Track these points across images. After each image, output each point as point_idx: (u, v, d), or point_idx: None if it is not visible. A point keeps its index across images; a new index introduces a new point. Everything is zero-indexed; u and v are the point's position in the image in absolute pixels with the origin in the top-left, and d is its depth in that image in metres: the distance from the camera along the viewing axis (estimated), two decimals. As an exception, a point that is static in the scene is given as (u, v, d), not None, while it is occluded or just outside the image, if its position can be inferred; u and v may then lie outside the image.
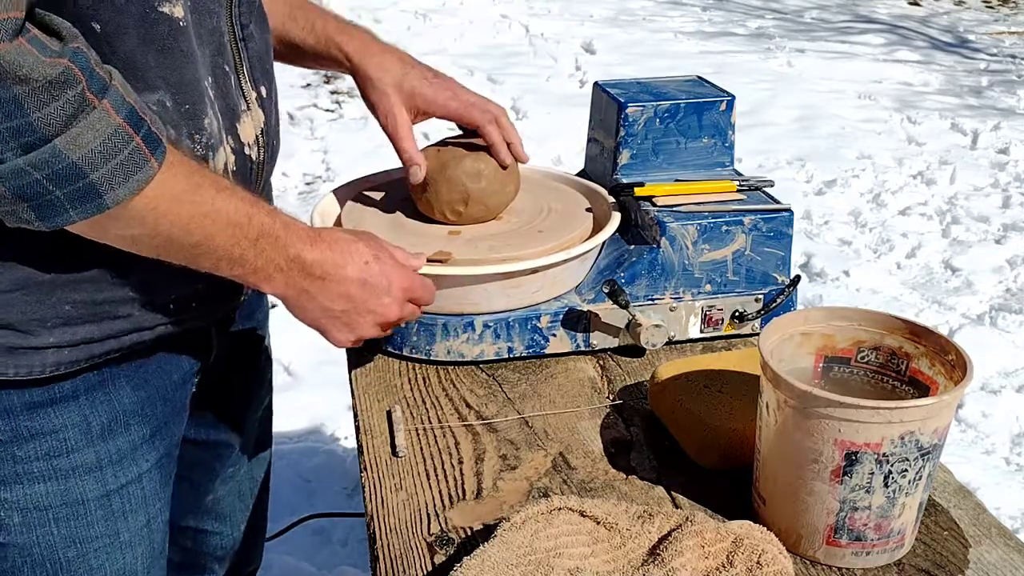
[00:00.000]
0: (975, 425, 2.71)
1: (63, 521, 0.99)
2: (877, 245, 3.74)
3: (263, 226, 0.92)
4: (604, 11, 7.17)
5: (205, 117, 0.95)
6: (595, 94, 1.46)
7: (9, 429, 0.95)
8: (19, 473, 0.96)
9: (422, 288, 1.08)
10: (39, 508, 0.98)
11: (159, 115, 0.91)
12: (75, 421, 0.98)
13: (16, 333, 0.91)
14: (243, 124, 1.02)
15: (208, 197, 0.87)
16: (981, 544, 0.96)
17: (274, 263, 0.94)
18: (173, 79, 0.92)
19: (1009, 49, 6.57)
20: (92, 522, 1.01)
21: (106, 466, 1.01)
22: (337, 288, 0.99)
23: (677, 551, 0.85)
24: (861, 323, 1.00)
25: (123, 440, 1.02)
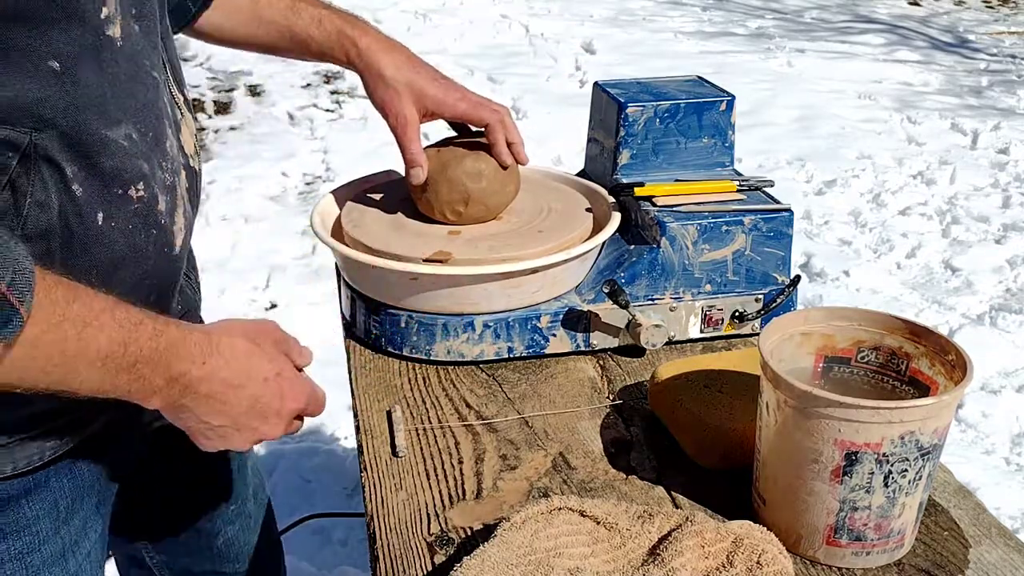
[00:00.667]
0: (975, 425, 2.71)
1: None
2: (877, 245, 3.74)
3: (142, 351, 0.79)
4: (604, 11, 7.17)
5: (167, 140, 0.90)
6: (595, 94, 1.46)
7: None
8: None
9: (314, 403, 0.99)
10: None
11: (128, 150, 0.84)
12: (46, 509, 0.92)
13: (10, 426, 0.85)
14: (184, 134, 0.97)
15: (73, 333, 0.74)
16: (981, 544, 0.96)
17: (152, 385, 0.82)
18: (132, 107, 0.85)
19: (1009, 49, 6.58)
20: None
21: (68, 551, 0.96)
22: (220, 407, 0.88)
23: (677, 551, 0.85)
24: (861, 323, 1.00)
25: (79, 517, 0.97)
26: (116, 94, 0.83)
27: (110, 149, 0.82)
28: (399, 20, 6.71)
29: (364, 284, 1.28)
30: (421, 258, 1.22)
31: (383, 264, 1.22)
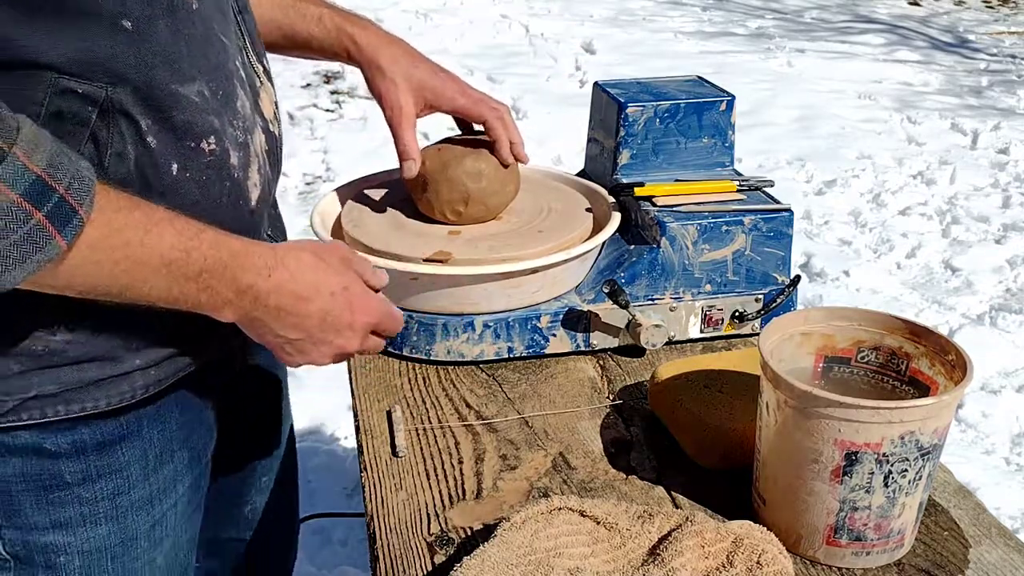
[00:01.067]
0: (975, 425, 2.71)
1: (118, 559, 0.98)
2: (877, 245, 3.74)
3: (206, 260, 0.83)
4: (604, 11, 7.17)
5: (238, 100, 0.95)
6: (595, 94, 1.46)
7: (79, 471, 0.93)
8: (84, 515, 0.94)
9: (389, 319, 1.00)
10: (99, 550, 0.96)
11: (199, 106, 0.88)
12: (137, 456, 0.97)
13: (102, 363, 0.90)
14: (263, 100, 1.02)
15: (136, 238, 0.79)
16: (981, 544, 0.96)
17: (221, 296, 0.86)
18: (205, 66, 0.90)
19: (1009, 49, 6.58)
20: (139, 555, 1.01)
21: (155, 498, 1.00)
22: (293, 320, 0.91)
23: (677, 551, 0.85)
24: (861, 323, 1.00)
25: (169, 468, 1.01)
26: (189, 53, 0.87)
27: (182, 104, 0.86)
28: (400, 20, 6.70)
29: (364, 284, 1.28)
30: (421, 258, 1.22)
31: (383, 264, 1.21)
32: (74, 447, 0.92)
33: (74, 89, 0.81)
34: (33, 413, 0.88)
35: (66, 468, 0.92)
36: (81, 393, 0.89)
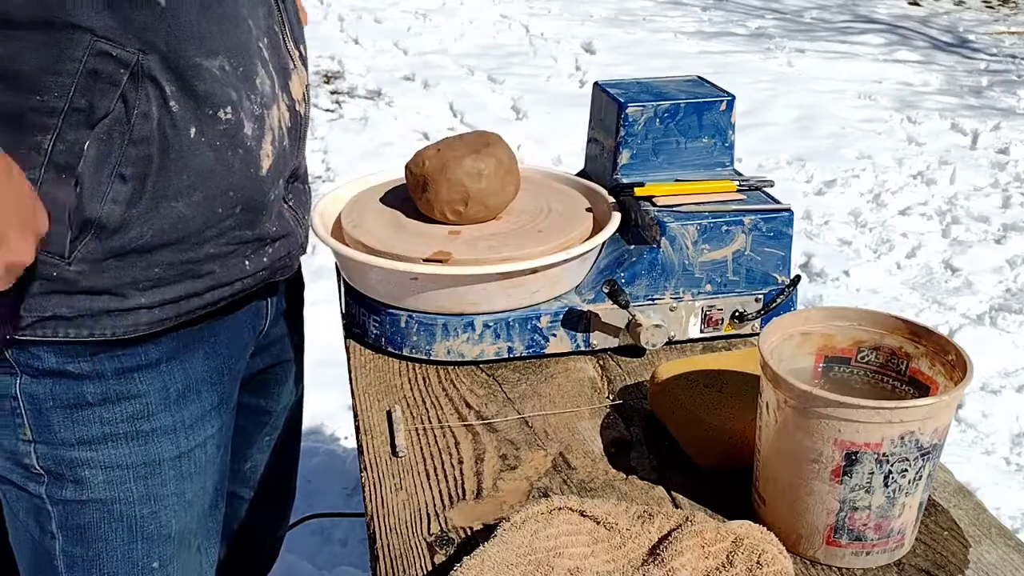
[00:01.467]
0: (975, 425, 2.71)
1: (141, 480, 1.06)
2: (877, 245, 3.74)
3: None
4: (604, 11, 7.17)
5: (257, 77, 1.02)
6: (595, 94, 1.46)
7: (100, 392, 1.02)
8: (106, 434, 1.03)
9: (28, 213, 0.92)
10: (122, 467, 1.05)
11: (219, 79, 0.97)
12: (156, 387, 1.05)
13: (112, 297, 0.98)
14: (293, 82, 1.09)
15: None
16: (981, 544, 0.96)
17: None
18: (228, 44, 0.98)
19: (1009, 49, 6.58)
20: (165, 481, 1.08)
21: (180, 430, 1.08)
22: None
23: (677, 551, 0.85)
24: (861, 323, 1.00)
25: (196, 407, 1.09)
26: (213, 32, 0.96)
27: (203, 75, 0.95)
28: (399, 20, 6.71)
29: (364, 284, 1.28)
30: (421, 258, 1.22)
31: (383, 264, 1.22)
32: (94, 371, 1.01)
33: (109, 52, 0.90)
34: (47, 332, 0.98)
35: (88, 390, 1.02)
36: (91, 320, 0.98)
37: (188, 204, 0.98)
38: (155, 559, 1.10)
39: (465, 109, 5.02)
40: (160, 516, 1.09)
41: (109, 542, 1.07)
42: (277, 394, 1.34)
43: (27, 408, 1.01)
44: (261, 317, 1.19)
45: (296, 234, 1.15)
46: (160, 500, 1.08)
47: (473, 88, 5.40)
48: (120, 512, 1.06)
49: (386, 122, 4.84)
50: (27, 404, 1.01)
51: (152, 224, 0.97)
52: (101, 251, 0.96)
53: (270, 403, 1.34)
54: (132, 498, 1.06)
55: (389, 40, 6.28)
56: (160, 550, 1.10)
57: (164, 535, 1.09)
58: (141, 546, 1.08)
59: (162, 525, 1.09)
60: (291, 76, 1.08)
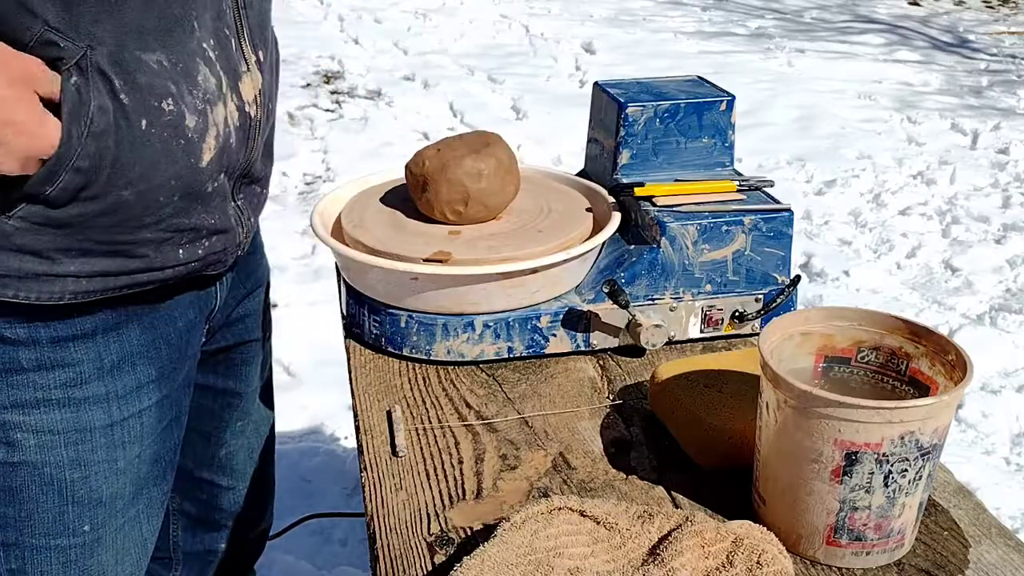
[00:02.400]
0: (975, 425, 2.71)
1: (72, 445, 1.09)
2: (877, 245, 3.74)
3: None
4: (604, 11, 7.17)
5: (199, 75, 1.04)
6: (595, 94, 1.46)
7: (34, 358, 1.04)
8: (39, 399, 1.06)
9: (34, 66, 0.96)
10: (53, 432, 1.07)
11: (157, 72, 1.00)
12: (91, 357, 1.07)
13: (40, 259, 1.00)
14: (244, 84, 1.11)
15: None
16: (981, 544, 0.96)
17: None
18: (167, 42, 1.01)
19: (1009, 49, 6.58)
20: (95, 448, 1.10)
21: (112, 399, 1.10)
22: None
23: (677, 551, 0.85)
24: (861, 323, 1.00)
25: (130, 378, 1.11)
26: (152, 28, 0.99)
27: (143, 68, 0.99)
28: (399, 20, 6.71)
29: (364, 284, 1.28)
30: (421, 258, 1.22)
31: (383, 264, 1.22)
32: (30, 337, 1.04)
33: (56, 42, 0.93)
34: None
35: (23, 355, 1.04)
36: (18, 282, 1.00)
37: (133, 192, 1.01)
38: (86, 522, 1.12)
39: (465, 109, 5.02)
40: (90, 481, 1.11)
41: (40, 504, 1.10)
42: (247, 375, 1.36)
43: None
44: (211, 297, 1.21)
45: (236, 232, 1.16)
46: (90, 466, 1.10)
47: (473, 88, 5.41)
48: (51, 475, 1.09)
49: (386, 122, 4.84)
50: None
51: (96, 207, 1.00)
52: (42, 217, 0.99)
53: (239, 384, 1.36)
54: (63, 462, 1.09)
55: (389, 40, 6.28)
56: (91, 514, 1.12)
57: (95, 499, 1.12)
58: (72, 509, 1.11)
59: (92, 490, 1.11)
60: (241, 78, 1.10)
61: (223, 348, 1.31)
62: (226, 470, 1.41)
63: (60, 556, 1.12)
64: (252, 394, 1.39)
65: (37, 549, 1.11)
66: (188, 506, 1.40)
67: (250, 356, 1.36)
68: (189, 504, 1.40)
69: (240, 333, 1.33)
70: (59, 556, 1.12)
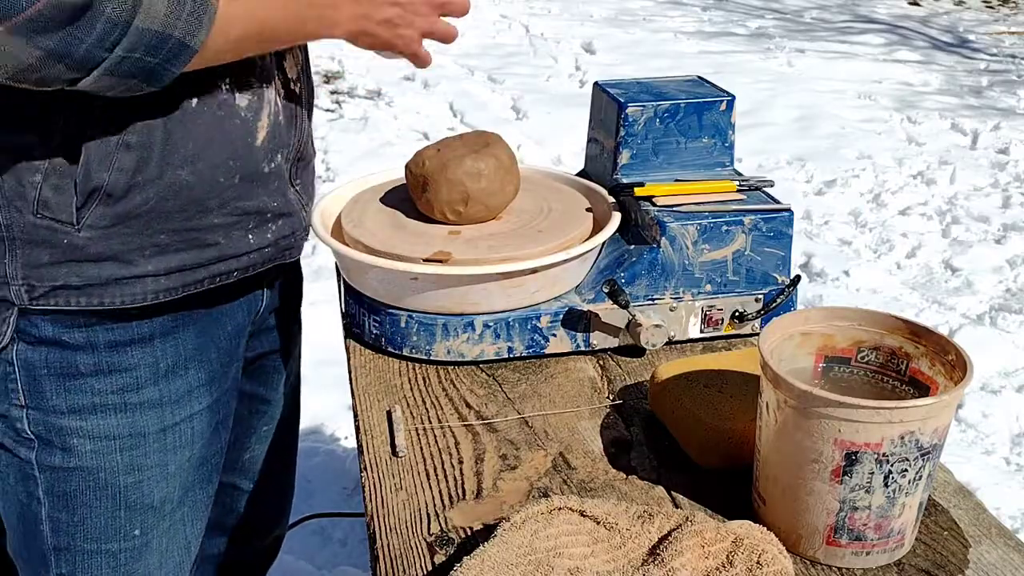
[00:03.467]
0: (975, 425, 2.71)
1: (127, 451, 1.10)
2: (877, 245, 3.74)
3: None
4: (604, 11, 7.17)
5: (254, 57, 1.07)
6: (595, 94, 1.46)
7: (92, 363, 1.06)
8: (95, 404, 1.07)
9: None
10: (109, 437, 1.09)
11: None
12: (147, 361, 1.09)
13: (118, 263, 1.03)
14: (287, 61, 1.14)
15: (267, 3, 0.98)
16: (981, 544, 0.96)
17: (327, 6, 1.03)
18: None
19: (1009, 49, 6.58)
20: (148, 453, 1.12)
21: (166, 404, 1.12)
22: None
23: (677, 551, 0.85)
24: (861, 323, 1.00)
25: (182, 382, 1.13)
26: None
27: None
28: (399, 20, 6.69)
29: (364, 284, 1.28)
30: (421, 258, 1.22)
31: (383, 264, 1.22)
32: (88, 342, 1.05)
33: None
34: (59, 300, 1.02)
35: (81, 360, 1.06)
36: (99, 289, 1.03)
37: (192, 172, 1.03)
38: (136, 527, 1.13)
39: (465, 109, 5.02)
40: (143, 486, 1.12)
41: (93, 509, 1.10)
42: (275, 382, 1.37)
43: (22, 374, 1.06)
44: (257, 300, 1.22)
45: (300, 216, 1.19)
46: (143, 471, 1.12)
47: (473, 88, 5.40)
48: (105, 481, 1.10)
49: (386, 122, 4.84)
50: (22, 370, 1.06)
51: (157, 191, 1.01)
52: (108, 217, 1.00)
53: (268, 391, 1.36)
54: (117, 468, 1.10)
55: (389, 40, 6.27)
56: (142, 518, 1.13)
57: (146, 504, 1.13)
58: (124, 514, 1.12)
59: (144, 495, 1.13)
60: (285, 56, 1.13)
61: (258, 355, 1.32)
62: (249, 474, 1.41)
63: (110, 560, 1.13)
64: (279, 400, 1.40)
65: (88, 554, 1.12)
66: None
67: (281, 364, 1.37)
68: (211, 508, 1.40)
69: (274, 340, 1.34)
70: (109, 560, 1.13)
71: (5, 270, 1.02)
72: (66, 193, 0.98)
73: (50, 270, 1.01)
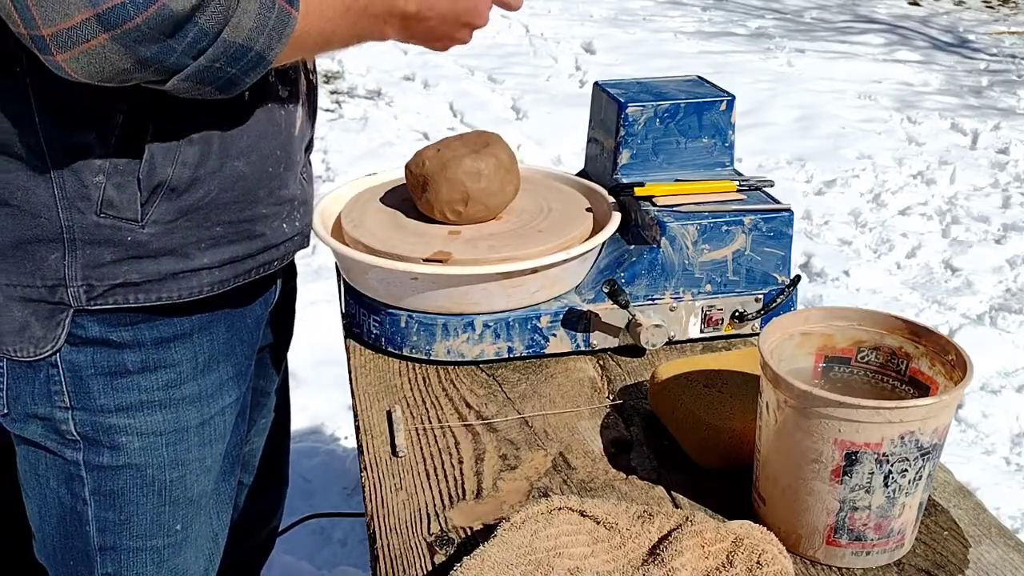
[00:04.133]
0: (975, 425, 2.71)
1: (171, 446, 1.11)
2: (877, 245, 3.74)
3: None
4: (604, 11, 7.17)
5: None
6: (595, 94, 1.46)
7: (139, 360, 1.07)
8: (143, 401, 1.08)
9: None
10: (156, 433, 1.10)
11: None
12: (188, 356, 1.10)
13: (176, 258, 1.04)
14: None
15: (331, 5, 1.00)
16: (981, 544, 0.96)
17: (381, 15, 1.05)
18: None
19: (1009, 49, 6.58)
20: (190, 447, 1.13)
21: (204, 398, 1.13)
22: None
23: (677, 551, 0.85)
24: (861, 323, 1.00)
25: (216, 376, 1.14)
26: None
27: None
28: (399, 20, 6.69)
29: (364, 284, 1.28)
30: (421, 258, 1.22)
31: (383, 264, 1.22)
32: (135, 340, 1.06)
33: None
34: (118, 299, 1.03)
35: (128, 358, 1.06)
36: (158, 284, 1.04)
37: (248, 163, 1.05)
38: (178, 521, 1.14)
39: (465, 109, 5.02)
40: (186, 480, 1.13)
41: (140, 506, 1.11)
42: (273, 376, 1.38)
43: (66, 375, 1.05)
44: (272, 294, 1.23)
45: (312, 203, 1.21)
46: (186, 465, 1.13)
47: (473, 88, 5.40)
48: (152, 477, 1.11)
49: (386, 122, 4.84)
50: (67, 371, 1.05)
51: (219, 183, 1.03)
52: (172, 211, 1.01)
53: (268, 384, 1.37)
54: (163, 463, 1.11)
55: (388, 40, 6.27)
56: (183, 512, 1.15)
57: (187, 499, 1.14)
58: (168, 509, 1.13)
59: (187, 489, 1.14)
60: None
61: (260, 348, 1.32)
62: (248, 467, 1.41)
63: (154, 557, 1.14)
64: (275, 392, 1.41)
65: (134, 551, 1.13)
66: None
67: (277, 356, 1.38)
68: None
69: (273, 333, 1.34)
70: (153, 557, 1.14)
71: (64, 272, 1.01)
72: (129, 190, 0.99)
73: (111, 268, 1.01)
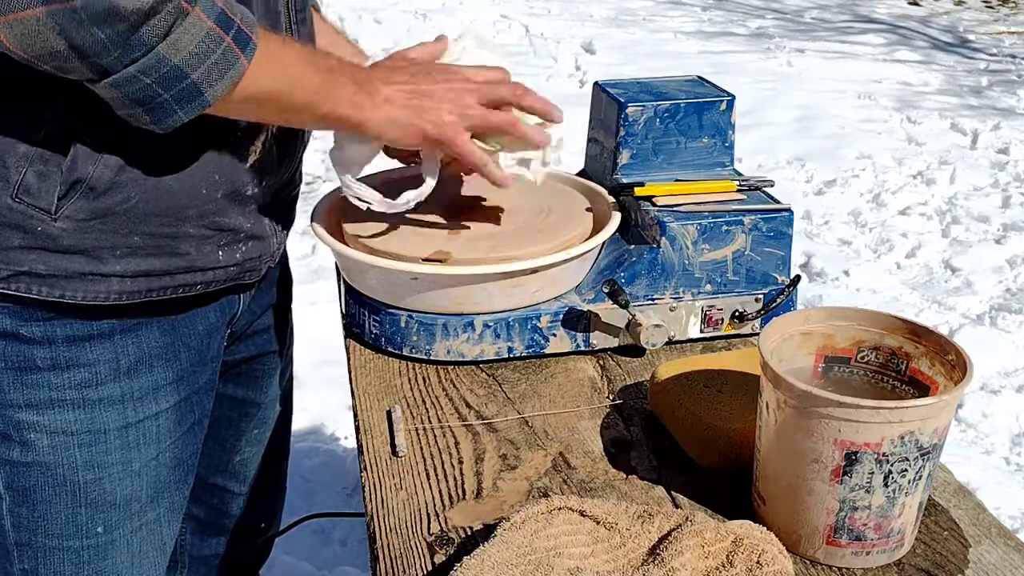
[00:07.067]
0: (975, 425, 2.71)
1: (85, 447, 1.08)
2: (877, 245, 3.74)
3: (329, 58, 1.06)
4: (604, 11, 7.17)
5: None
6: (595, 94, 1.46)
7: (49, 358, 1.04)
8: (52, 399, 1.05)
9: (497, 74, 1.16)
10: (66, 433, 1.07)
11: None
12: (107, 357, 1.07)
13: (88, 259, 1.01)
14: None
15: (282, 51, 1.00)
16: (981, 544, 0.96)
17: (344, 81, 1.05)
18: None
19: (1009, 49, 6.58)
20: (110, 450, 1.10)
21: (128, 401, 1.10)
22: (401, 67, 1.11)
23: (677, 551, 0.85)
24: (861, 323, 1.00)
25: (146, 380, 1.10)
26: None
27: None
28: (399, 20, 6.71)
29: (364, 284, 1.28)
30: (421, 258, 1.22)
31: (383, 264, 1.22)
32: (45, 336, 1.03)
33: None
34: (20, 286, 1.00)
35: (38, 354, 1.04)
36: (64, 281, 1.01)
37: (176, 179, 1.02)
38: (99, 524, 1.12)
39: (465, 109, 5.01)
40: (104, 483, 1.10)
41: (53, 505, 1.09)
42: (265, 386, 1.36)
43: None
44: (233, 304, 1.20)
45: (270, 241, 1.17)
46: (104, 467, 1.10)
47: (473, 88, 5.40)
48: (64, 476, 1.08)
49: (386, 122, 4.83)
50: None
51: (140, 191, 1.00)
52: (87, 211, 0.99)
53: (258, 395, 1.36)
54: (76, 464, 1.08)
55: (389, 40, 6.26)
56: (104, 516, 1.12)
57: (108, 502, 1.12)
58: (85, 511, 1.11)
59: (106, 492, 1.11)
60: None
61: (245, 359, 1.31)
62: (239, 477, 1.41)
63: (73, 557, 1.12)
64: (270, 403, 1.39)
65: (50, 550, 1.11)
66: (198, 511, 1.40)
67: (271, 368, 1.36)
68: (199, 509, 1.39)
69: (262, 344, 1.33)
70: (72, 557, 1.12)
71: None
72: (50, 180, 0.97)
73: (17, 254, 0.99)
